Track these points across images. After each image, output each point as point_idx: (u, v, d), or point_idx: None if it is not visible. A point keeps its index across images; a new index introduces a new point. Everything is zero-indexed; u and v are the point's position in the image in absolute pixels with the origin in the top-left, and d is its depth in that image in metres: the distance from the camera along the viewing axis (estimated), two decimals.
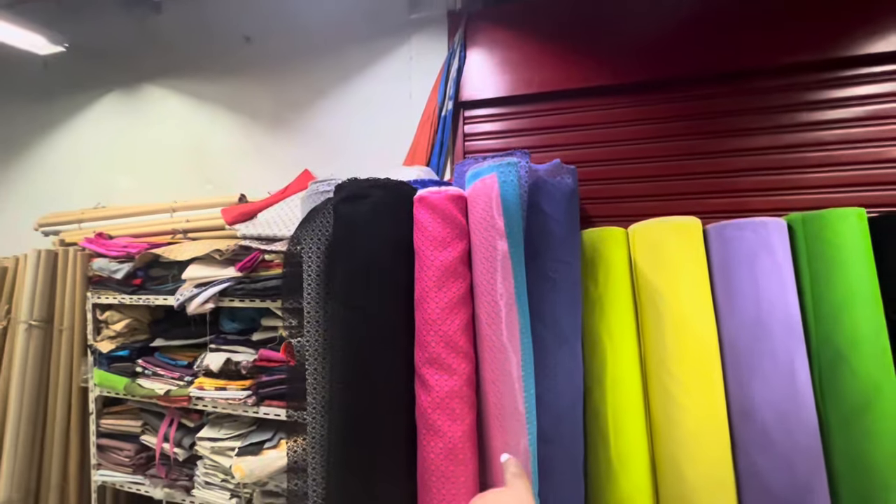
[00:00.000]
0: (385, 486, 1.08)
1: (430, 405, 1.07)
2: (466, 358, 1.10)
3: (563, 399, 1.26)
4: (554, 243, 1.24)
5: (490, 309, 1.07)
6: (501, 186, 1.08)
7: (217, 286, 1.60)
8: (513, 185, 1.10)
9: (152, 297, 1.76)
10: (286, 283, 1.36)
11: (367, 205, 1.13)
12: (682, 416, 1.33)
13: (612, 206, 1.74)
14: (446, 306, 1.09)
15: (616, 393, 1.41)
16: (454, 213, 1.12)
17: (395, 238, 1.14)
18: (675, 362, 1.36)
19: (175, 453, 1.72)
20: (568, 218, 1.27)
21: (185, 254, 1.68)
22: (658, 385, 1.39)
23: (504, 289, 1.06)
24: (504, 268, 1.06)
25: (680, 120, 1.72)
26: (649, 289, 1.45)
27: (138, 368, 1.81)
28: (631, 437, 1.37)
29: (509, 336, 1.04)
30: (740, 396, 1.32)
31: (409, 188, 1.20)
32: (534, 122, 1.85)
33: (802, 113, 1.61)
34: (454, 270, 1.11)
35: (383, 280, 1.11)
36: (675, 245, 1.44)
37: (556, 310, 1.25)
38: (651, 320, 1.43)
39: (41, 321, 1.90)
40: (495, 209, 1.07)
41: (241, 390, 1.60)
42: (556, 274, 1.25)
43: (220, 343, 1.71)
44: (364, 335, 1.11)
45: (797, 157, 1.61)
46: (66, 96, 2.68)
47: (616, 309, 1.46)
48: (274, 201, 1.82)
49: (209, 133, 2.36)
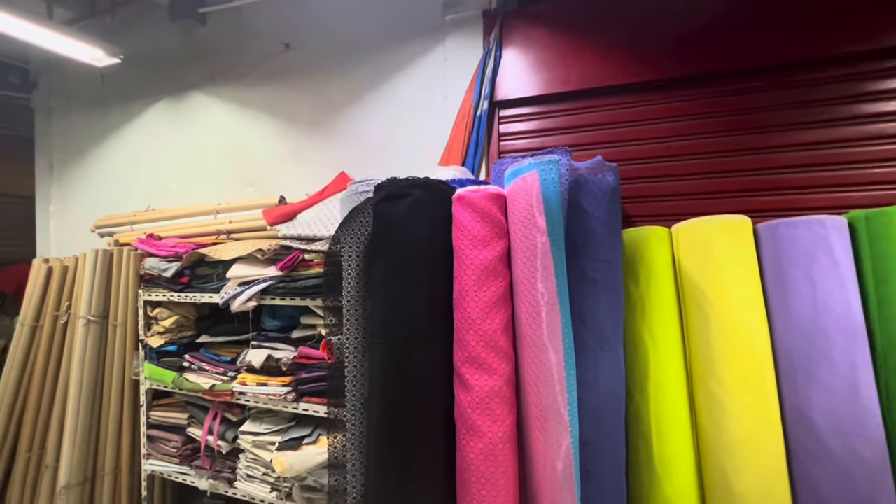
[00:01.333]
0: (423, 485, 1.08)
1: (470, 405, 1.06)
2: (506, 358, 1.09)
3: (604, 402, 1.22)
4: (595, 242, 1.21)
5: (531, 309, 1.06)
6: (542, 184, 1.06)
7: (259, 285, 1.65)
8: (554, 183, 1.08)
9: (198, 294, 1.84)
10: (326, 282, 1.39)
11: (407, 204, 1.14)
12: (731, 423, 1.27)
13: (653, 205, 1.68)
14: (486, 305, 1.08)
15: (659, 397, 1.36)
16: (494, 211, 1.12)
17: (435, 237, 1.15)
18: (723, 367, 1.30)
19: (219, 446, 1.78)
20: (609, 216, 1.24)
21: (229, 253, 1.74)
22: (704, 390, 1.34)
23: (545, 288, 1.04)
24: (545, 267, 1.05)
25: (724, 115, 1.65)
26: (694, 290, 1.39)
27: (185, 363, 1.89)
28: (675, 442, 1.32)
29: (550, 336, 1.02)
30: (795, 404, 1.24)
31: (447, 187, 1.21)
32: (570, 121, 1.82)
33: (862, 104, 1.51)
34: (494, 269, 1.10)
35: (422, 279, 1.12)
36: (723, 244, 1.38)
37: (598, 311, 1.22)
38: (696, 323, 1.38)
39: (98, 317, 2.02)
40: (536, 207, 1.05)
41: (282, 386, 1.64)
42: (598, 274, 1.22)
43: (262, 340, 1.77)
44: (403, 334, 1.12)
45: (857, 152, 1.51)
46: (120, 106, 2.84)
47: (658, 310, 1.41)
48: (312, 202, 1.87)
49: (250, 137, 2.45)
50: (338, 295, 1.34)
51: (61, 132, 3.07)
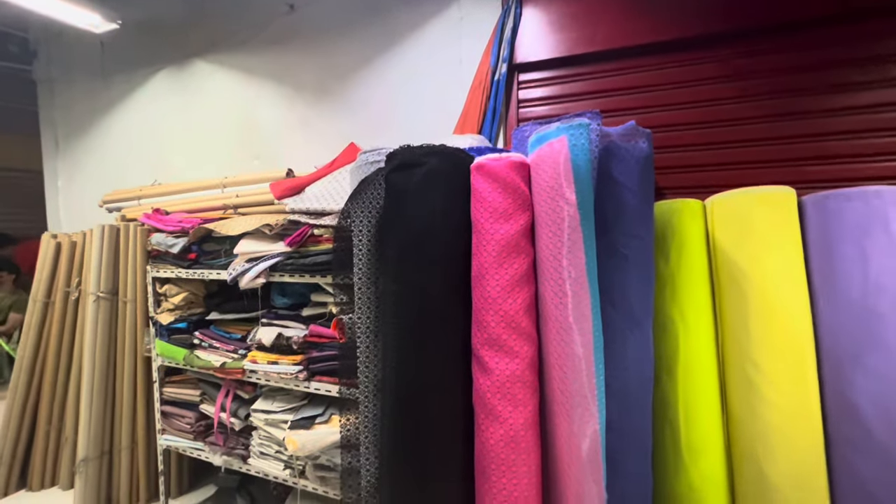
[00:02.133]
0: (440, 473, 1.03)
1: (490, 389, 1.00)
2: (529, 340, 1.01)
3: (632, 386, 1.15)
4: (626, 216, 1.11)
5: (556, 287, 0.97)
6: (572, 151, 0.96)
7: (267, 261, 1.59)
8: (584, 150, 0.98)
9: (206, 271, 1.79)
10: (336, 258, 1.32)
11: (421, 174, 1.04)
12: (767, 411, 1.19)
13: (685, 176, 1.56)
14: (507, 284, 1.00)
15: (688, 380, 1.28)
16: (516, 181, 1.02)
17: (451, 209, 1.06)
18: (761, 350, 1.22)
19: (231, 423, 1.76)
20: (642, 187, 1.13)
21: (236, 228, 1.68)
22: (739, 374, 1.26)
23: (572, 265, 0.95)
24: (573, 242, 0.96)
25: (767, 76, 1.50)
26: (731, 267, 1.29)
27: (196, 340, 1.86)
28: (704, 428, 1.25)
29: (577, 317, 0.94)
30: (838, 391, 1.16)
31: (465, 156, 1.11)
32: (596, 85, 1.69)
33: None
34: (516, 245, 1.01)
35: (438, 254, 1.04)
36: (764, 218, 1.27)
37: (627, 289, 1.13)
38: (732, 302, 1.29)
39: (107, 293, 1.99)
40: (564, 177, 0.95)
41: (293, 365, 1.60)
42: (628, 250, 1.12)
43: (272, 318, 1.72)
44: (417, 313, 1.05)
45: None
46: (122, 75, 2.75)
47: (690, 288, 1.32)
48: (321, 175, 1.78)
49: (255, 107, 2.35)
50: (348, 272, 1.27)
51: (64, 105, 3.00)
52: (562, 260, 0.96)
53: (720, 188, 1.37)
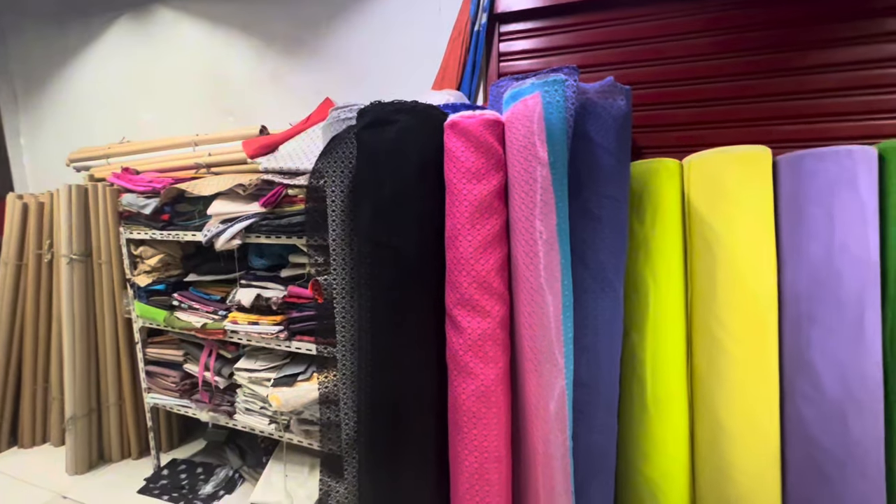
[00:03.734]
0: (416, 426, 1.07)
1: (462, 347, 1.02)
2: (501, 299, 1.03)
3: (601, 344, 1.19)
4: (601, 176, 1.11)
5: (528, 248, 0.98)
6: (545, 108, 0.94)
7: (242, 222, 1.56)
8: (559, 108, 0.95)
9: (181, 232, 1.76)
10: (309, 220, 1.30)
11: (393, 131, 1.01)
12: (728, 366, 1.25)
13: (664, 135, 1.55)
14: (480, 245, 1.00)
15: (657, 337, 1.33)
16: (489, 140, 1.00)
17: (425, 169, 1.04)
18: (726, 308, 1.26)
19: (216, 381, 1.80)
20: (619, 147, 1.12)
21: (208, 189, 1.63)
22: (704, 331, 1.31)
23: (544, 226, 0.95)
24: (545, 203, 0.95)
25: (748, 30, 1.46)
26: (703, 228, 1.31)
27: (175, 302, 1.85)
28: (669, 383, 1.31)
29: (548, 278, 0.95)
30: (796, 347, 1.21)
31: (439, 113, 1.07)
32: (579, 38, 1.62)
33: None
34: (489, 205, 1.01)
35: (411, 215, 1.03)
36: (737, 178, 1.27)
37: (600, 251, 1.15)
38: (702, 262, 1.31)
39: (81, 255, 1.95)
40: (537, 135, 0.94)
41: (273, 325, 1.62)
42: (602, 211, 1.12)
43: (251, 279, 1.71)
44: (391, 275, 1.05)
45: (892, 73, 1.35)
46: (78, 24, 2.56)
47: (664, 250, 1.34)
48: (295, 132, 1.72)
49: (225, 59, 2.22)
50: (323, 233, 1.26)
51: (19, 56, 2.79)
52: (534, 221, 0.96)
53: (699, 147, 1.36)
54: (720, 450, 1.26)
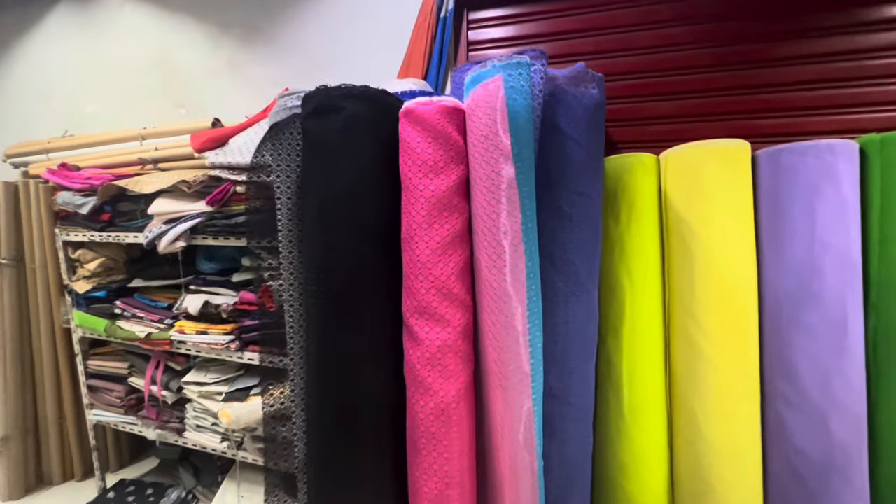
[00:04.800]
0: (369, 448, 0.96)
1: (420, 360, 0.92)
2: (462, 307, 0.93)
3: (574, 351, 1.10)
4: (572, 171, 1.02)
5: (492, 250, 0.88)
6: (508, 94, 0.84)
7: (186, 222, 1.42)
8: (523, 94, 0.86)
9: (122, 234, 1.60)
10: (253, 220, 1.19)
11: (340, 120, 0.90)
12: (707, 370, 1.18)
13: (640, 129, 1.48)
14: (438, 247, 0.90)
15: (633, 342, 1.25)
16: (448, 129, 0.90)
17: (377, 162, 0.93)
18: (704, 309, 1.19)
19: (163, 396, 1.65)
20: (591, 140, 1.03)
21: (150, 185, 1.49)
22: (681, 334, 1.23)
23: (509, 225, 0.86)
24: (510, 200, 0.86)
25: (725, 19, 1.40)
26: (680, 225, 1.24)
27: (117, 310, 1.69)
28: (647, 389, 1.24)
29: (514, 282, 0.86)
30: (777, 349, 1.15)
31: (393, 99, 0.97)
32: (551, 26, 1.54)
33: (883, 7, 1.28)
34: (448, 203, 0.90)
35: (363, 214, 0.92)
36: (715, 173, 1.20)
37: (571, 251, 1.06)
38: (679, 261, 1.24)
39: (11, 259, 1.77)
40: (500, 124, 0.84)
41: (223, 335, 1.48)
42: (573, 208, 1.04)
43: (200, 284, 1.57)
44: (341, 281, 0.94)
45: (874, 65, 1.31)
46: (15, 8, 2.35)
47: (640, 250, 1.26)
48: (248, 125, 1.59)
49: (176, 48, 2.06)
50: (270, 234, 1.14)
51: None
52: (498, 220, 0.86)
53: (676, 142, 1.29)
54: (699, 458, 1.19)
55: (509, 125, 0.83)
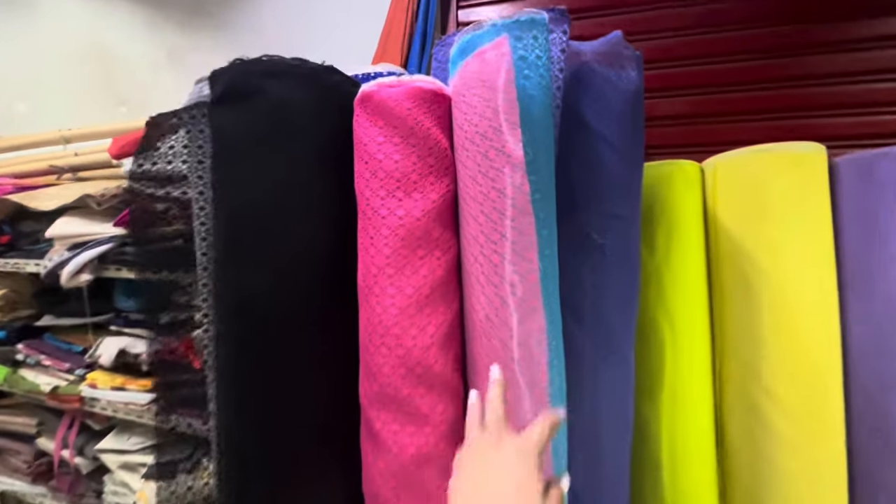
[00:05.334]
0: None
1: (383, 474, 0.60)
2: (447, 393, 0.61)
3: (605, 435, 0.80)
4: (604, 186, 0.72)
5: (491, 309, 0.57)
6: (518, 67, 0.53)
7: (92, 249, 1.10)
8: (540, 69, 0.55)
9: (23, 260, 1.27)
10: (164, 248, 0.88)
11: (260, 110, 0.59)
12: (781, 453, 0.88)
13: (679, 130, 1.18)
14: (411, 302, 0.59)
15: (676, 408, 0.95)
16: (425, 124, 0.59)
17: (313, 175, 0.62)
18: (775, 371, 0.89)
19: (76, 463, 1.31)
20: (629, 142, 0.74)
21: (50, 201, 1.17)
22: (742, 402, 0.93)
23: (518, 274, 0.55)
24: (520, 231, 0.55)
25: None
26: (738, 256, 0.95)
27: (20, 355, 1.35)
28: (695, 472, 0.93)
29: (526, 367, 0.55)
30: (871, 424, 0.86)
31: (343, 80, 0.66)
32: (565, 3, 1.24)
33: None
34: (425, 235, 0.60)
35: (287, 254, 0.61)
36: (786, 188, 0.91)
37: (603, 299, 0.75)
38: (737, 303, 0.95)
39: None
40: (505, 114, 0.53)
41: (144, 392, 1.16)
42: (606, 238, 0.73)
43: (121, 324, 1.25)
44: (263, 348, 0.62)
45: None
46: None
47: (683, 286, 0.96)
48: None
49: (111, 36, 1.75)
50: (181, 265, 0.84)
51: None
52: (501, 263, 0.56)
53: (724, 146, 1.00)
54: None
55: (520, 117, 0.53)
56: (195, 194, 0.73)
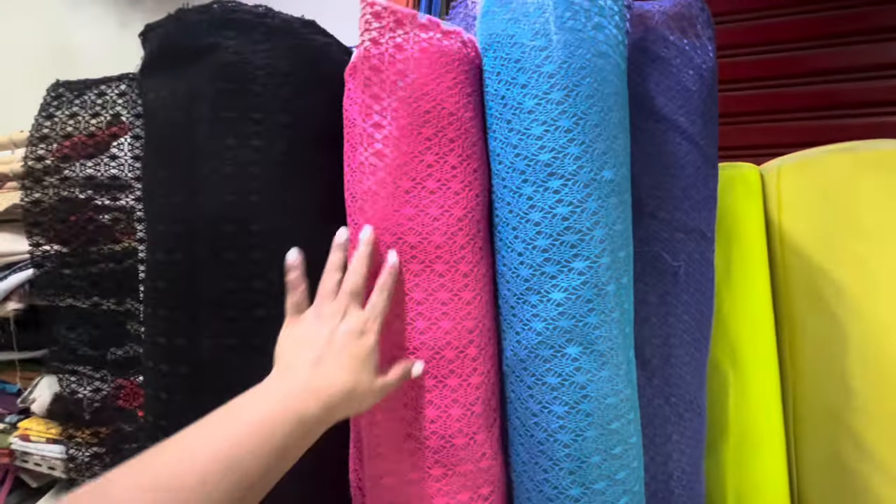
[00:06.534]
0: None
1: None
2: (482, 475, 0.42)
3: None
4: (680, 190, 0.54)
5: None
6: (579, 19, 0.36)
7: (21, 272, 0.90)
8: (609, 27, 0.38)
9: None
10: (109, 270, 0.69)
11: (209, 76, 0.41)
12: None
13: (733, 129, 1.01)
14: (432, 351, 0.40)
15: (743, 464, 0.77)
16: (448, 101, 0.41)
17: (293, 169, 0.44)
18: (870, 421, 0.72)
19: None
20: (708, 133, 0.56)
21: None
22: (828, 458, 0.76)
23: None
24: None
25: None
26: (816, 278, 0.78)
27: None
28: None
29: None
30: None
31: (328, 42, 0.48)
32: None
33: None
34: (454, 257, 0.41)
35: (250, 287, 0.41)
36: (876, 195, 0.75)
37: (674, 338, 0.57)
38: (816, 337, 0.78)
39: None
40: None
41: (87, 446, 0.94)
42: (680, 259, 0.56)
43: (64, 361, 1.03)
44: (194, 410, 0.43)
45: None
46: None
47: (748, 315, 0.79)
48: None
49: (71, 27, 1.57)
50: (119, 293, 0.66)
51: None
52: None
53: (792, 147, 0.84)
54: None
55: (580, 100, 0.35)
56: (133, 202, 0.55)
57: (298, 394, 0.31)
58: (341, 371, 0.33)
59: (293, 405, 0.30)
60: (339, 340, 0.34)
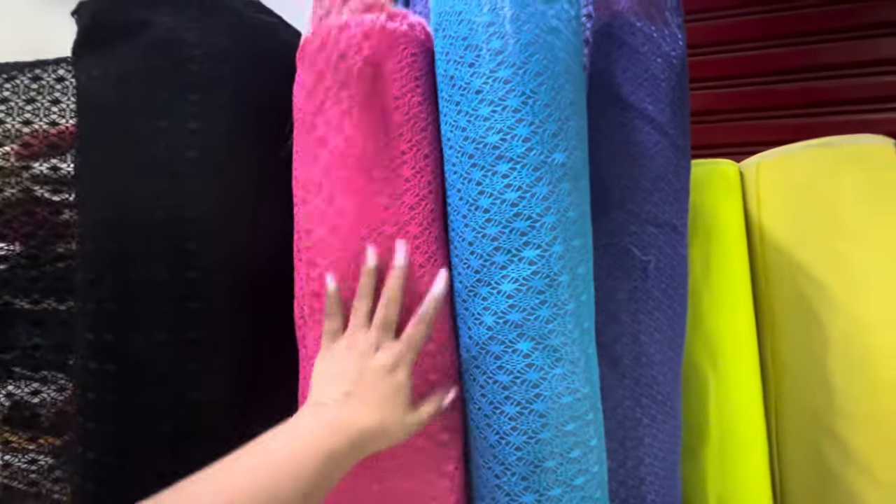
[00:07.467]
0: None
1: None
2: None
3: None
4: (648, 181, 0.52)
5: None
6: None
7: None
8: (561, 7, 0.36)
9: None
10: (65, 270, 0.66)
11: (136, 57, 0.39)
12: None
13: (706, 128, 1.00)
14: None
15: (725, 467, 0.75)
16: (403, 87, 0.39)
17: (233, 155, 0.41)
18: (850, 420, 0.70)
19: None
20: (678, 123, 0.55)
21: None
22: (810, 459, 0.74)
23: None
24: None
25: None
26: (797, 277, 0.77)
27: None
28: None
29: None
30: None
31: (275, 23, 0.46)
32: None
33: None
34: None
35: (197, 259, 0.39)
36: (856, 193, 0.74)
37: (644, 335, 0.55)
38: (797, 336, 0.76)
39: None
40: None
41: (45, 456, 0.90)
42: (651, 252, 0.53)
43: (26, 365, 1.00)
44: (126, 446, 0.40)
45: None
46: None
47: (729, 316, 0.78)
48: None
49: (56, 31, 1.54)
50: None
51: None
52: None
53: (771, 143, 0.83)
54: None
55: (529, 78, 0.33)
56: None
57: (327, 430, 0.31)
58: (370, 408, 0.33)
59: (322, 442, 0.31)
60: (369, 376, 0.34)
